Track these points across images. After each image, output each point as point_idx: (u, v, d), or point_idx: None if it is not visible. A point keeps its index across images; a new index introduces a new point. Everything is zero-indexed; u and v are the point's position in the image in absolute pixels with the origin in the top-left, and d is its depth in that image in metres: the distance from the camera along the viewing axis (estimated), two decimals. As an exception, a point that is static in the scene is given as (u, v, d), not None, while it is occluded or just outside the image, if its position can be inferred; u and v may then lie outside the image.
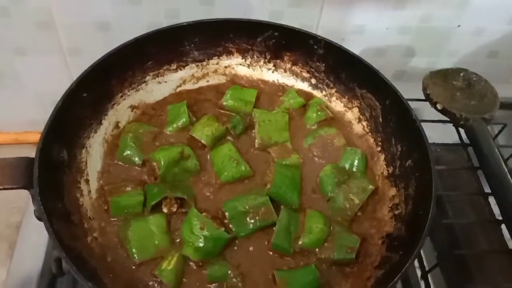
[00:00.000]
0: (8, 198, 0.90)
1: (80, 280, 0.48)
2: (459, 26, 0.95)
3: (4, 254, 0.86)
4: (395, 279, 0.50)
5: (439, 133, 0.79)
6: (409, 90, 0.72)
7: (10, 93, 0.95)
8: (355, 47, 0.94)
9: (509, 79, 1.07)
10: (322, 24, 0.89)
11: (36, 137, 1.03)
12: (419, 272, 0.72)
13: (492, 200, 0.72)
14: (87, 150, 0.66)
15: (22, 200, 0.85)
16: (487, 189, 0.71)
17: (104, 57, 0.67)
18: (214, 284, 0.58)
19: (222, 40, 0.77)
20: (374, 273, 0.58)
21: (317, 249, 0.61)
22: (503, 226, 0.68)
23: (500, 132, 0.84)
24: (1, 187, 0.53)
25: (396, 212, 0.64)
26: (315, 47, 0.75)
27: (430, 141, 0.65)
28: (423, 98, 0.79)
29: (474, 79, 0.82)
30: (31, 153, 0.58)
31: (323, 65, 0.76)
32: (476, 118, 0.74)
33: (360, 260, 0.61)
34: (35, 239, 0.74)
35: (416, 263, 0.73)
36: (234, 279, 0.57)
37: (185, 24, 0.73)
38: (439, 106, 0.76)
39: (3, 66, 0.90)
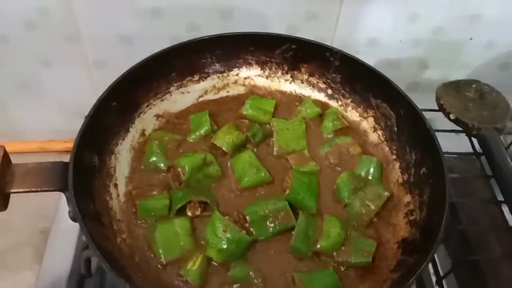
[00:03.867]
0: (35, 205, 0.94)
1: (112, 276, 0.51)
2: (471, 39, 0.97)
3: (31, 259, 0.90)
4: (410, 280, 0.52)
5: (453, 142, 0.81)
6: (423, 101, 0.75)
7: (36, 104, 0.99)
8: (369, 59, 0.95)
9: (521, 90, 1.09)
10: (337, 36, 0.93)
11: (60, 145, 1.09)
12: (434, 279, 0.74)
13: (505, 208, 0.74)
14: (116, 156, 0.70)
15: (47, 207, 0.89)
16: (500, 197, 0.72)
17: (131, 68, 0.71)
18: (236, 285, 0.60)
19: (242, 52, 0.81)
20: (390, 276, 0.60)
21: (334, 253, 0.63)
22: (516, 233, 0.69)
23: (512, 142, 0.85)
24: (39, 189, 0.57)
25: (411, 218, 0.66)
26: (331, 59, 0.78)
27: (444, 150, 0.67)
28: (437, 108, 0.82)
29: (486, 90, 0.84)
30: (56, 160, 0.61)
31: (339, 76, 0.79)
32: (489, 127, 0.76)
33: (377, 263, 0.63)
34: (63, 244, 0.77)
35: (431, 269, 0.75)
36: (255, 280, 0.60)
37: (207, 37, 0.77)
38: (452, 116, 0.78)
39: (30, 78, 0.94)
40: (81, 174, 0.60)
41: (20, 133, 1.06)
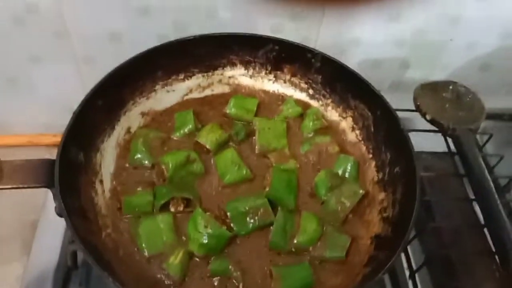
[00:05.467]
0: (23, 198, 0.95)
1: (96, 270, 0.54)
2: (451, 40, 1.00)
3: (18, 251, 0.92)
4: (379, 275, 0.55)
5: (430, 142, 0.84)
6: (405, 101, 0.78)
7: (25, 99, 1.00)
8: (353, 59, 0.99)
9: (500, 90, 1.12)
10: (322, 36, 0.95)
11: (49, 139, 1.10)
12: (407, 273, 0.78)
13: (476, 206, 0.77)
14: (102, 153, 0.72)
15: (36, 200, 0.90)
16: (472, 196, 0.75)
17: (118, 67, 0.73)
18: (216, 278, 0.63)
19: (226, 52, 0.82)
20: (362, 270, 0.63)
21: (311, 248, 0.66)
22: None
23: (487, 141, 0.88)
24: (26, 186, 0.59)
25: (384, 215, 0.69)
26: (313, 60, 0.80)
27: (421, 149, 0.69)
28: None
29: (463, 91, 0.87)
30: (45, 154, 0.64)
31: (320, 77, 0.82)
32: (463, 128, 0.79)
33: (350, 258, 0.66)
34: (50, 237, 0.79)
35: (405, 264, 0.79)
36: (234, 273, 0.63)
37: (192, 37, 0.78)
38: (428, 117, 0.81)
39: (18, 73, 0.95)
40: (67, 171, 0.62)
41: (9, 127, 1.07)
